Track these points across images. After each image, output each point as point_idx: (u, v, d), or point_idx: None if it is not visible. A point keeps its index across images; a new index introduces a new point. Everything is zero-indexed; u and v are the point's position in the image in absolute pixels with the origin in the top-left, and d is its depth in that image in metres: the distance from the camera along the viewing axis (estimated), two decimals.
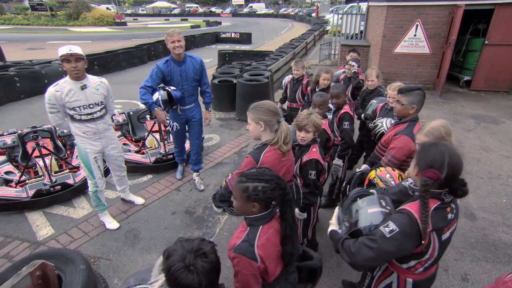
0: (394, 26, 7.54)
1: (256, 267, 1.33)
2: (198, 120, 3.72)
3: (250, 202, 1.35)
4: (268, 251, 1.37)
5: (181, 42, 3.21)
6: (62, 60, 2.53)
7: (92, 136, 2.86)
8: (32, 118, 6.43)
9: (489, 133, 5.33)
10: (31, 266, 1.73)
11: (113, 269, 2.70)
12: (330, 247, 2.92)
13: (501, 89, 7.48)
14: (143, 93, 3.23)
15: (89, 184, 3.02)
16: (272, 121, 1.82)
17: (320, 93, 2.86)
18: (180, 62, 3.32)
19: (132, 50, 12.29)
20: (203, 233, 3.14)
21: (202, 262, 1.03)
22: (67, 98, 2.61)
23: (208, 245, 1.10)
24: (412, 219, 1.32)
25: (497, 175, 4.06)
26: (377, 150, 2.63)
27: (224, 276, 2.62)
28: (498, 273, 2.60)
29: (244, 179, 1.36)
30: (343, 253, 1.43)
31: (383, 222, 1.40)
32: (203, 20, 38.74)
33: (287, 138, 1.79)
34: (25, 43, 19.72)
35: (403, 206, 1.40)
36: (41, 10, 37.34)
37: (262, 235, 1.38)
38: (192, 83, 3.46)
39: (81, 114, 2.73)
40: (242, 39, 18.91)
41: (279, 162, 1.83)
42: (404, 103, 2.33)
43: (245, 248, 1.34)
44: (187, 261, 1.02)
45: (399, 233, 1.30)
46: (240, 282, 1.38)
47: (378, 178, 2.04)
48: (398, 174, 2.04)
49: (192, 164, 3.95)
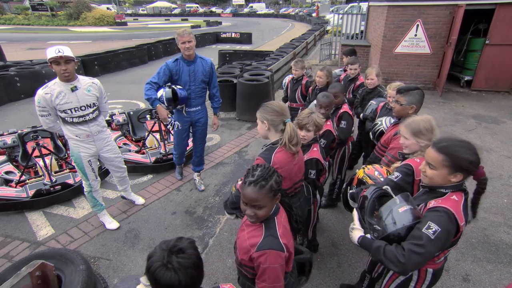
0: (395, 26, 7.53)
1: (283, 257, 1.37)
2: (203, 124, 3.62)
3: (275, 198, 1.39)
4: (288, 239, 1.41)
5: (192, 43, 3.14)
6: (51, 62, 2.43)
7: (85, 139, 2.79)
8: (32, 118, 6.42)
9: (490, 133, 5.31)
10: (31, 266, 1.73)
11: (113, 269, 2.70)
12: (331, 247, 2.91)
13: (502, 89, 7.47)
14: (147, 88, 3.14)
15: (83, 185, 3.01)
16: (276, 121, 1.82)
17: (326, 94, 2.83)
18: (190, 62, 3.26)
19: (133, 50, 12.30)
20: (203, 233, 3.13)
21: (179, 258, 1.02)
22: (57, 100, 2.53)
23: (185, 242, 1.09)
24: (450, 215, 1.33)
25: (498, 175, 4.05)
26: (376, 150, 2.62)
27: (225, 276, 2.62)
28: (499, 273, 2.60)
29: (263, 182, 1.33)
30: (387, 263, 1.35)
31: (416, 221, 1.38)
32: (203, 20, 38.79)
33: (294, 140, 1.78)
34: (26, 43, 19.74)
35: (434, 204, 1.40)
36: (42, 10, 37.39)
37: (279, 225, 1.41)
38: (200, 84, 3.37)
39: (72, 117, 2.64)
40: (242, 39, 18.91)
41: (291, 162, 1.84)
42: (403, 103, 2.32)
43: (271, 242, 1.35)
44: (164, 259, 1.01)
45: (442, 232, 1.30)
46: (269, 279, 1.35)
47: (367, 177, 2.07)
48: (386, 170, 2.07)
49: (194, 165, 3.91)
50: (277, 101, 1.89)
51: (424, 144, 1.87)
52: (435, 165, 1.41)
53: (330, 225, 3.21)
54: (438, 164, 1.39)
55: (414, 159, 1.88)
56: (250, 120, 6.07)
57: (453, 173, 1.38)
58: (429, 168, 1.44)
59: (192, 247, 1.09)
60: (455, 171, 1.37)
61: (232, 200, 1.96)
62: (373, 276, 2.26)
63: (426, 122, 1.88)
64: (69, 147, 2.85)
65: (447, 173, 1.38)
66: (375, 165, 2.13)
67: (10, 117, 6.60)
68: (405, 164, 1.88)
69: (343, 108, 3.00)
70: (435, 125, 1.88)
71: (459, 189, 1.42)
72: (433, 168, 1.42)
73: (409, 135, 1.90)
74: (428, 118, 1.90)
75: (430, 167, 1.44)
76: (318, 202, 2.43)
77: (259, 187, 1.32)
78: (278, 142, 1.82)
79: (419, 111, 2.36)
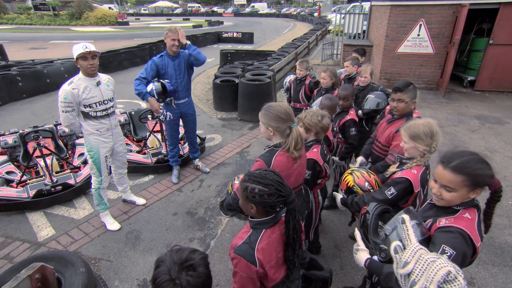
0: (397, 26, 7.49)
1: (254, 271, 1.31)
2: (192, 114, 3.93)
3: (249, 203, 1.34)
4: (268, 256, 1.34)
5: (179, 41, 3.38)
6: (78, 58, 2.54)
7: (105, 132, 2.90)
8: (34, 118, 6.42)
9: (493, 134, 5.26)
10: (30, 268, 1.71)
11: (114, 271, 2.68)
12: (334, 249, 2.88)
13: (506, 89, 7.41)
14: (137, 84, 3.35)
15: (93, 181, 3.01)
16: (281, 127, 1.76)
17: (329, 97, 2.79)
18: (174, 57, 3.50)
19: (134, 49, 12.28)
20: (204, 234, 3.11)
21: (188, 276, 0.97)
22: (83, 95, 2.64)
23: (198, 257, 1.04)
24: (465, 237, 1.24)
25: (503, 176, 4.00)
26: (376, 149, 2.59)
27: (227, 279, 2.59)
28: (505, 276, 2.56)
29: (246, 178, 1.35)
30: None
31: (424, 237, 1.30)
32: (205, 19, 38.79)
33: (298, 145, 1.74)
34: (28, 42, 19.78)
35: (446, 223, 1.30)
36: (44, 9, 37.50)
37: (264, 239, 1.35)
38: (185, 75, 3.62)
39: (96, 111, 2.77)
40: (244, 38, 18.86)
41: (291, 166, 1.79)
42: (407, 100, 2.31)
43: (245, 250, 1.32)
44: (173, 273, 0.97)
45: (457, 256, 1.21)
46: (238, 283, 1.36)
47: (357, 187, 2.07)
48: (374, 180, 2.07)
49: (191, 153, 4.24)
50: (281, 104, 1.82)
51: (422, 149, 1.80)
52: (454, 187, 1.27)
53: (332, 227, 3.18)
54: (458, 185, 1.27)
55: (411, 170, 1.82)
56: (252, 120, 6.04)
57: (473, 190, 1.28)
58: (445, 191, 1.30)
59: (204, 264, 1.05)
60: (476, 188, 1.27)
61: (228, 202, 1.93)
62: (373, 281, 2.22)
63: (426, 126, 1.79)
64: (87, 144, 2.89)
65: (467, 192, 1.28)
66: (364, 174, 2.11)
67: (11, 117, 6.60)
68: (402, 179, 1.82)
69: (350, 114, 2.95)
70: (436, 130, 1.78)
71: (472, 205, 1.33)
72: (451, 191, 1.29)
73: (408, 138, 1.84)
74: (429, 123, 1.81)
75: (448, 190, 1.30)
76: (319, 204, 2.40)
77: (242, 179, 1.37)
78: (281, 144, 1.78)
79: None
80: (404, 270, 1.07)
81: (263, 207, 1.33)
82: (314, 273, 1.60)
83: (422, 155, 1.82)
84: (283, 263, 1.41)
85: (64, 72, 8.74)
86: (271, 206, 1.32)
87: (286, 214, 1.36)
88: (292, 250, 1.37)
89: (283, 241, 1.39)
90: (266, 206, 1.32)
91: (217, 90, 6.68)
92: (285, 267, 1.42)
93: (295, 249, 1.38)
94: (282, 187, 1.32)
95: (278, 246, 1.38)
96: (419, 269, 1.02)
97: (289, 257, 1.38)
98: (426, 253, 1.07)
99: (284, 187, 1.33)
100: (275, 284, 1.40)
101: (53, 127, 4.44)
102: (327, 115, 2.25)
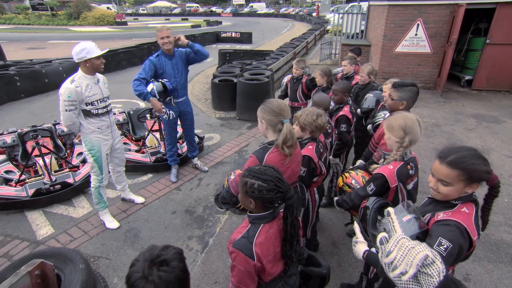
0: (395, 26, 7.52)
1: (252, 265, 1.33)
2: (190, 113, 3.98)
3: (248, 198, 1.36)
4: (266, 250, 1.36)
5: (170, 38, 3.40)
6: (92, 58, 2.63)
7: (106, 130, 2.94)
8: (32, 117, 6.42)
9: (490, 133, 5.30)
10: (30, 265, 1.72)
11: (113, 269, 2.69)
12: (331, 246, 2.91)
13: (503, 89, 7.45)
14: (137, 84, 3.34)
15: (93, 179, 3.01)
16: (273, 121, 1.79)
17: (320, 95, 2.82)
18: (170, 56, 3.53)
19: (133, 49, 12.29)
20: (203, 232, 3.13)
21: (160, 271, 0.96)
22: (86, 92, 2.67)
23: (171, 252, 1.02)
24: (462, 230, 1.26)
25: (499, 174, 4.01)
26: (370, 146, 2.63)
27: (225, 276, 2.61)
28: (500, 273, 2.59)
29: (246, 173, 1.38)
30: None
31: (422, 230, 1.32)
32: (203, 19, 38.71)
33: (288, 142, 1.74)
34: (26, 42, 19.73)
35: (443, 217, 1.32)
36: (42, 9, 37.33)
37: (262, 234, 1.37)
38: (183, 74, 3.66)
39: (98, 108, 2.80)
40: (242, 38, 18.87)
41: (283, 164, 1.81)
42: (394, 98, 2.31)
43: (243, 245, 1.35)
44: (145, 271, 0.95)
45: (454, 248, 1.23)
46: (236, 277, 1.38)
47: (346, 186, 2.13)
48: (361, 177, 2.12)
49: (190, 152, 4.28)
50: (278, 100, 1.86)
51: (394, 140, 1.81)
52: (449, 181, 1.30)
53: (330, 224, 3.20)
54: (454, 180, 1.29)
55: (388, 166, 1.82)
56: (250, 119, 6.06)
57: (469, 185, 1.30)
58: (442, 185, 1.33)
59: (178, 258, 1.02)
60: (472, 183, 1.29)
61: (223, 195, 1.95)
62: (369, 277, 2.25)
63: (404, 119, 1.78)
64: (87, 143, 2.88)
65: (463, 186, 1.30)
66: (352, 173, 2.16)
67: (10, 117, 6.59)
68: (378, 175, 1.83)
69: (343, 110, 2.98)
70: (412, 126, 1.76)
71: (470, 200, 1.35)
72: (447, 185, 1.32)
73: (385, 129, 1.86)
74: (408, 117, 1.79)
75: (444, 184, 1.33)
76: (316, 202, 2.42)
77: (242, 174, 1.40)
78: (274, 142, 1.80)
79: (411, 108, 2.35)
80: (388, 259, 1.14)
81: (262, 202, 1.35)
82: (313, 269, 1.63)
83: (397, 148, 1.82)
84: (281, 258, 1.43)
85: (63, 72, 8.74)
86: (270, 202, 1.35)
87: (284, 209, 1.38)
88: (289, 245, 1.40)
89: (280, 236, 1.41)
90: (265, 201, 1.34)
91: (215, 89, 6.69)
92: (282, 262, 1.44)
93: (293, 244, 1.41)
94: (281, 183, 1.34)
95: (275, 241, 1.40)
96: (400, 255, 1.10)
97: (287, 252, 1.40)
98: (408, 241, 1.14)
99: (283, 183, 1.35)
100: (272, 278, 1.42)
101: (52, 126, 4.45)
102: (323, 114, 2.26)
